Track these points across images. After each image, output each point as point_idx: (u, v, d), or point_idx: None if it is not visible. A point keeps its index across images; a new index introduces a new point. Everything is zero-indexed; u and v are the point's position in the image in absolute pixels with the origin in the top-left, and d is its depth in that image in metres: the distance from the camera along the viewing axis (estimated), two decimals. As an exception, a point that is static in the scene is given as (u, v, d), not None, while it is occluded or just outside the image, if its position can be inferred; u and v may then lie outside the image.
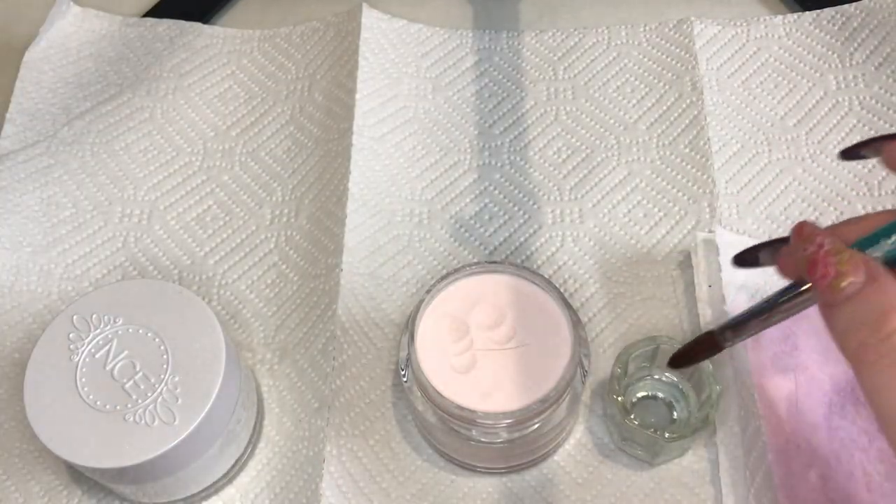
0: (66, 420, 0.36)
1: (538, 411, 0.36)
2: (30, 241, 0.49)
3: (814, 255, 0.28)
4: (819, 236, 0.28)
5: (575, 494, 0.41)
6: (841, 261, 0.27)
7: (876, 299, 0.26)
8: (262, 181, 0.52)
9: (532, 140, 0.52)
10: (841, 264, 0.27)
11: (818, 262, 0.28)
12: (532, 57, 0.55)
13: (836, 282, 0.27)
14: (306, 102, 0.54)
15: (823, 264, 0.27)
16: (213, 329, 0.38)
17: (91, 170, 0.52)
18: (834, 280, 0.27)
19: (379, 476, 0.42)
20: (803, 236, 0.29)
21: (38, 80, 0.55)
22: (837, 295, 0.27)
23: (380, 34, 0.55)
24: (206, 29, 0.58)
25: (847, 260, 0.27)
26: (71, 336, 0.38)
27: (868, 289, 0.26)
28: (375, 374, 0.44)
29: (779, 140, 0.51)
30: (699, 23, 0.55)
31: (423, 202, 0.50)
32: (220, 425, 0.38)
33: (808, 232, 0.29)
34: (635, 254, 0.47)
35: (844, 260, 0.27)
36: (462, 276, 0.40)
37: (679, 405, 0.42)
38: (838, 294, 0.27)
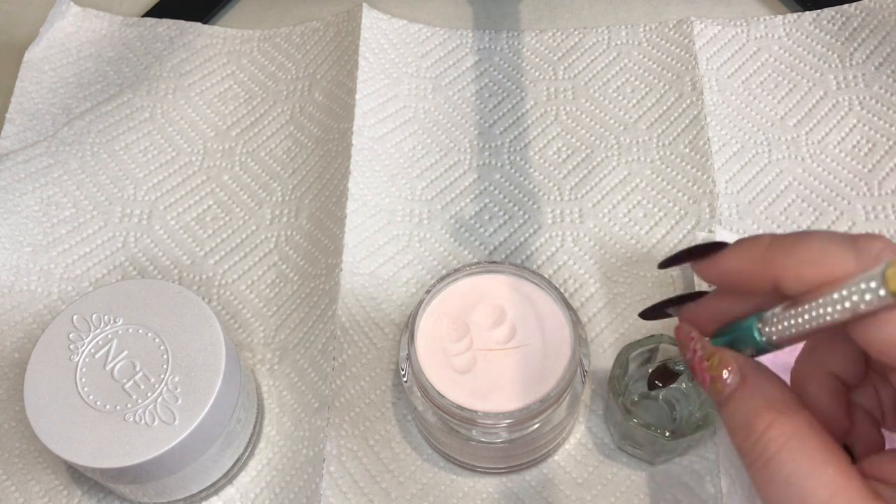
0: (66, 420, 0.36)
1: (538, 411, 0.36)
2: (30, 241, 0.49)
3: (691, 361, 0.29)
4: (691, 342, 0.29)
5: (575, 494, 0.41)
6: (712, 365, 0.28)
7: (745, 402, 0.27)
8: (262, 181, 0.52)
9: (532, 140, 0.52)
10: (713, 369, 0.28)
11: (695, 368, 0.29)
12: (532, 57, 0.55)
13: (712, 386, 0.28)
14: (306, 102, 0.54)
15: (700, 370, 0.28)
16: (213, 329, 0.38)
17: (91, 170, 0.52)
18: (711, 385, 0.28)
19: (379, 476, 0.42)
20: (680, 341, 0.30)
21: (38, 79, 0.55)
22: (719, 397, 0.28)
23: (380, 34, 0.55)
24: (206, 29, 0.58)
25: (717, 364, 0.28)
26: (71, 336, 0.38)
27: (739, 391, 0.27)
28: (375, 374, 0.44)
29: (779, 140, 0.51)
30: (699, 23, 0.55)
31: (423, 202, 0.50)
32: (220, 425, 0.38)
33: (682, 337, 0.30)
34: (635, 254, 0.47)
35: (715, 364, 0.28)
36: (462, 276, 0.40)
37: (679, 405, 0.42)
38: (720, 396, 0.28)
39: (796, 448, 0.25)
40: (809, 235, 0.26)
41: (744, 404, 0.27)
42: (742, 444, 0.26)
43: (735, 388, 0.27)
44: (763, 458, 0.25)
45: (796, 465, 0.25)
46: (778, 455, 0.25)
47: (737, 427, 0.27)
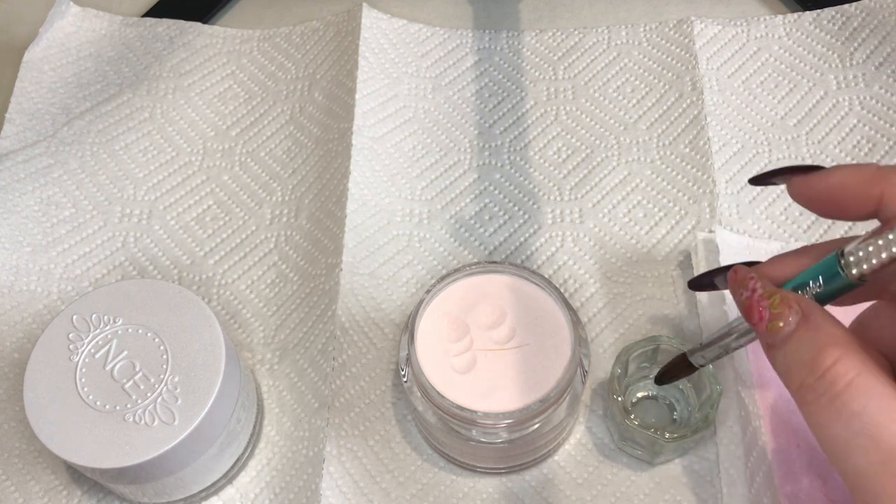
0: (66, 420, 0.36)
1: (538, 411, 0.36)
2: (29, 241, 0.49)
3: (748, 299, 0.29)
4: (752, 281, 0.29)
5: (575, 494, 0.41)
6: (773, 304, 0.28)
7: (810, 338, 0.27)
8: (262, 181, 0.52)
9: (532, 140, 0.52)
10: (774, 307, 0.28)
11: (753, 306, 0.28)
12: (532, 57, 0.55)
13: (771, 324, 0.27)
14: (306, 102, 0.54)
15: (758, 308, 0.28)
16: (213, 329, 0.38)
17: (91, 170, 0.52)
18: (770, 323, 0.28)
19: (379, 476, 0.42)
20: (737, 282, 0.30)
21: (37, 79, 0.55)
22: (775, 336, 0.27)
23: (380, 34, 0.55)
24: (205, 29, 0.58)
25: (779, 302, 0.28)
26: (71, 336, 0.38)
27: (802, 328, 0.27)
28: (375, 374, 0.44)
29: (779, 140, 0.51)
30: (699, 22, 0.55)
31: (423, 202, 0.50)
32: (220, 425, 0.38)
33: (741, 277, 0.30)
34: (635, 254, 0.47)
35: (777, 303, 0.28)
36: (462, 276, 0.40)
37: (679, 405, 0.42)
38: (776, 335, 0.27)
39: (866, 383, 0.25)
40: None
41: (807, 341, 0.26)
42: (804, 381, 0.26)
43: (796, 326, 0.27)
44: (829, 393, 0.25)
45: (867, 399, 0.24)
46: (847, 390, 0.25)
47: (797, 364, 0.26)
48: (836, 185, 0.28)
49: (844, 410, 0.25)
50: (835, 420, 0.25)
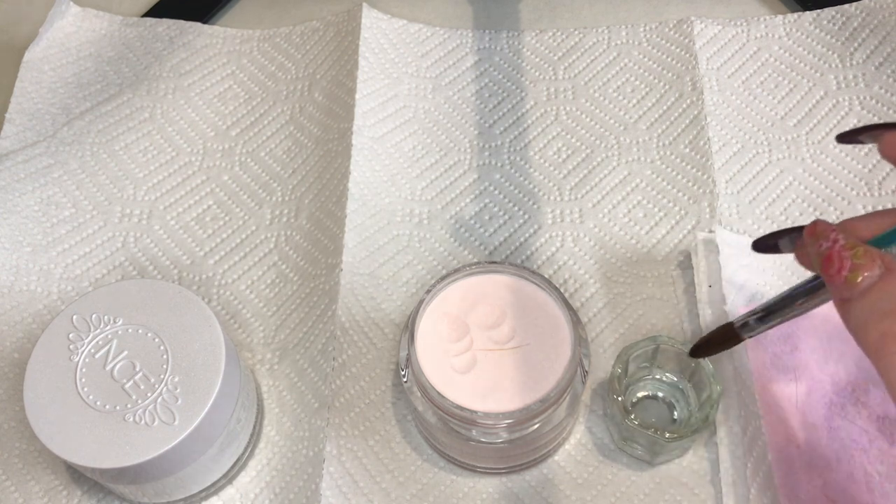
0: (66, 420, 0.36)
1: (538, 411, 0.36)
2: (29, 241, 0.49)
3: (828, 250, 0.28)
4: (833, 232, 0.28)
5: (575, 494, 0.41)
6: (856, 255, 0.27)
7: (892, 290, 0.26)
8: (261, 181, 0.51)
9: (532, 140, 0.52)
10: (856, 258, 0.27)
11: (833, 256, 0.28)
12: (532, 57, 0.55)
13: (852, 275, 0.27)
14: (306, 102, 0.54)
15: (839, 258, 0.27)
16: (213, 329, 0.38)
17: (91, 170, 0.52)
18: (850, 274, 0.27)
19: (379, 476, 0.42)
20: (817, 233, 0.29)
21: (37, 79, 0.55)
22: (854, 288, 0.27)
23: (380, 34, 0.55)
24: (205, 29, 0.58)
25: (862, 254, 0.27)
26: (71, 336, 0.38)
27: (886, 280, 0.26)
28: (375, 374, 0.44)
29: (779, 140, 0.51)
30: (699, 22, 0.55)
31: (423, 202, 0.50)
32: (220, 425, 0.38)
33: (821, 229, 0.29)
34: (635, 254, 0.47)
35: (860, 254, 0.27)
36: (462, 276, 0.40)
37: (679, 405, 0.42)
38: (854, 287, 0.27)
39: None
40: None
41: (892, 291, 0.26)
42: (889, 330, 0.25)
43: (879, 277, 0.26)
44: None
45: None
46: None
47: (879, 314, 0.26)
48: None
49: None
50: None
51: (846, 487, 0.39)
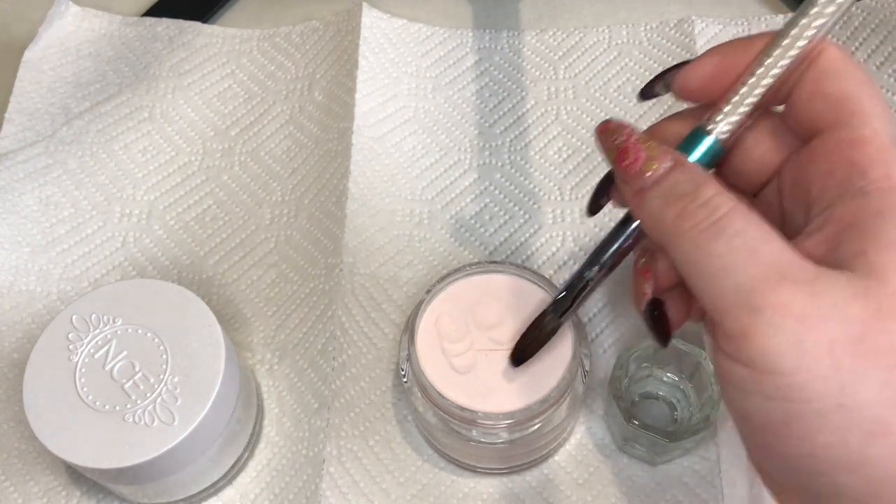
0: (66, 420, 0.36)
1: (539, 411, 0.36)
2: (28, 242, 0.49)
3: (624, 143, 0.29)
4: (626, 127, 0.29)
5: (576, 495, 0.41)
6: (650, 147, 0.28)
7: (688, 175, 0.27)
8: (261, 181, 0.51)
9: (532, 140, 0.52)
10: (650, 150, 0.28)
11: (628, 148, 0.29)
12: (532, 56, 0.55)
13: (646, 165, 0.28)
14: (306, 102, 0.54)
15: (634, 150, 0.28)
16: (213, 329, 0.38)
17: (90, 170, 0.52)
18: (645, 163, 0.28)
19: (379, 477, 0.41)
20: (610, 129, 0.30)
21: (37, 79, 0.55)
22: (648, 177, 0.28)
23: (380, 34, 0.55)
24: (205, 28, 0.58)
25: (655, 146, 0.28)
26: (70, 336, 0.38)
27: (678, 168, 0.27)
28: (375, 375, 0.44)
29: (779, 140, 0.51)
30: (700, 22, 0.55)
31: (423, 202, 0.50)
32: (220, 425, 0.38)
33: (614, 125, 0.30)
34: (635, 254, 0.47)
35: (653, 147, 0.28)
36: (462, 276, 0.40)
37: (680, 405, 0.42)
38: (649, 176, 0.28)
39: (745, 211, 0.25)
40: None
41: (686, 177, 0.27)
42: (684, 209, 0.26)
43: (672, 166, 0.28)
44: (711, 217, 0.25)
45: (747, 223, 0.25)
46: (729, 214, 0.25)
47: (675, 197, 0.27)
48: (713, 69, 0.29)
49: (728, 229, 0.25)
50: (714, 239, 0.25)
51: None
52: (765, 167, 0.31)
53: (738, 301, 0.24)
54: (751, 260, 0.24)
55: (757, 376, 0.24)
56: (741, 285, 0.24)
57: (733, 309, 0.24)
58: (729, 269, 0.25)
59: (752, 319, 0.24)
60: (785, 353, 0.23)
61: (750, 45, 0.29)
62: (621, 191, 0.29)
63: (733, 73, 0.29)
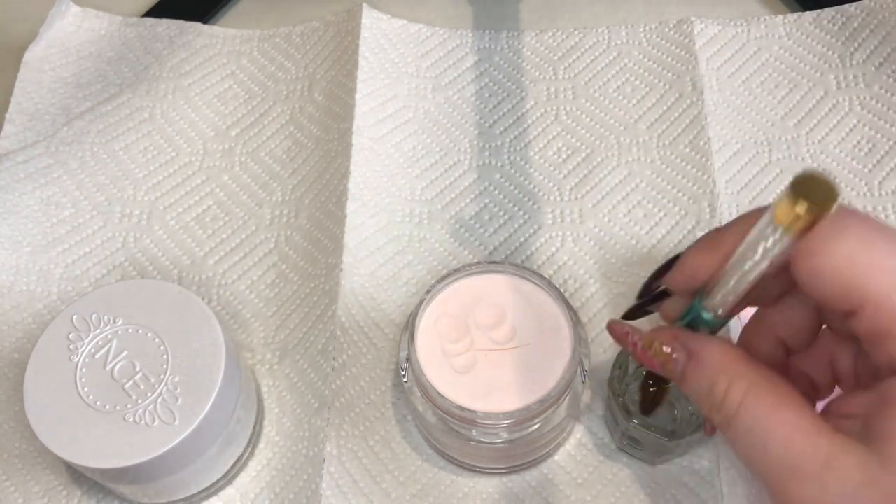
0: (66, 420, 0.36)
1: (538, 411, 0.36)
2: (29, 242, 0.49)
3: (634, 354, 0.31)
4: (628, 336, 0.31)
5: (575, 495, 0.41)
6: (656, 352, 0.29)
7: (699, 374, 0.28)
8: (262, 181, 0.51)
9: (532, 140, 0.52)
10: (657, 355, 0.29)
11: (640, 357, 0.30)
12: (532, 57, 0.55)
13: (665, 368, 0.29)
14: (306, 102, 0.54)
15: (646, 360, 0.30)
16: (213, 329, 0.38)
17: (91, 170, 0.52)
18: (663, 368, 0.29)
19: (379, 476, 0.42)
20: (618, 339, 0.32)
21: (37, 80, 0.55)
22: (675, 377, 0.29)
23: (380, 34, 0.55)
24: (205, 29, 0.58)
25: (660, 349, 0.29)
26: (71, 336, 0.38)
27: (691, 366, 0.29)
28: (375, 375, 0.44)
29: (779, 140, 0.51)
30: (699, 22, 0.55)
31: (423, 202, 0.50)
32: (220, 425, 0.38)
33: (619, 335, 0.32)
34: (635, 254, 0.47)
35: (658, 351, 0.29)
36: (462, 276, 0.40)
37: (680, 405, 0.42)
38: (675, 376, 0.29)
39: (753, 399, 0.27)
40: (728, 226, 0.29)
41: (698, 376, 0.28)
42: (710, 411, 0.28)
43: (686, 363, 0.29)
44: (728, 416, 0.27)
45: (756, 413, 0.26)
46: (740, 409, 0.27)
47: (700, 397, 0.28)
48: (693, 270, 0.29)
49: (741, 427, 0.27)
50: (738, 438, 0.27)
51: None
52: None
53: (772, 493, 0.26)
54: (763, 458, 0.26)
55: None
56: (763, 478, 0.26)
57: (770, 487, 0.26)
58: (753, 464, 0.27)
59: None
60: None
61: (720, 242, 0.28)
62: None
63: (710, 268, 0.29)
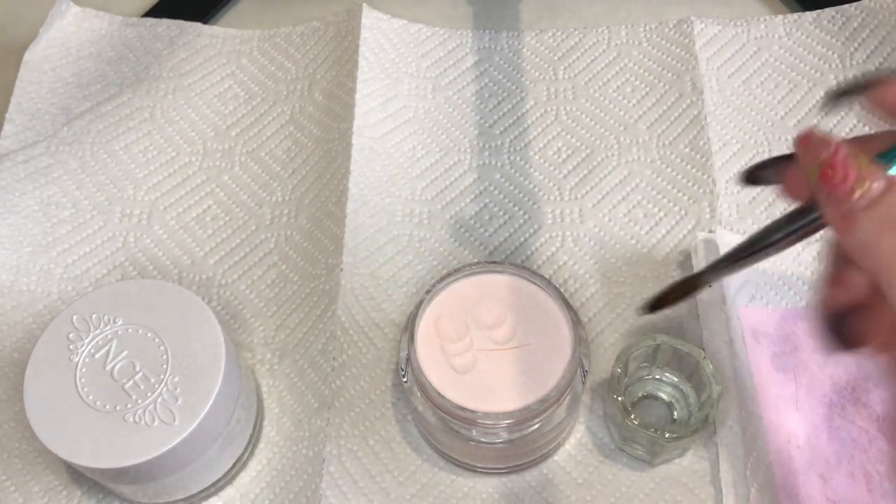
0: (66, 420, 0.36)
1: (538, 411, 0.36)
2: (29, 241, 0.49)
3: (831, 158, 0.25)
4: (832, 141, 0.26)
5: (575, 494, 0.41)
6: (861, 163, 0.25)
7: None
8: (262, 181, 0.51)
9: (532, 140, 0.52)
10: (862, 167, 0.24)
11: (837, 164, 0.25)
12: (532, 57, 0.55)
13: (857, 183, 0.24)
14: (306, 102, 0.54)
15: (843, 166, 0.25)
16: (213, 329, 0.38)
17: (91, 170, 0.52)
18: (857, 182, 0.24)
19: (379, 476, 0.42)
20: (813, 142, 0.26)
21: (37, 80, 0.55)
22: (859, 198, 0.24)
23: (380, 34, 0.55)
24: (205, 29, 0.58)
25: (867, 163, 0.25)
26: (71, 336, 0.38)
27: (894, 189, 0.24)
28: (375, 375, 0.44)
29: (778, 140, 0.51)
30: (699, 22, 0.55)
31: (423, 202, 0.50)
32: (220, 425, 0.38)
33: (819, 137, 0.26)
34: (635, 254, 0.47)
35: (865, 163, 0.25)
36: (462, 276, 0.40)
37: (679, 405, 0.42)
38: (860, 197, 0.24)
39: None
40: None
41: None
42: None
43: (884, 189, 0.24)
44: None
45: None
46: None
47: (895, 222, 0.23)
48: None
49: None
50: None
51: (846, 487, 0.39)
52: None
53: None
54: None
55: None
56: None
57: None
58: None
59: None
60: None
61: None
62: (826, 211, 0.26)
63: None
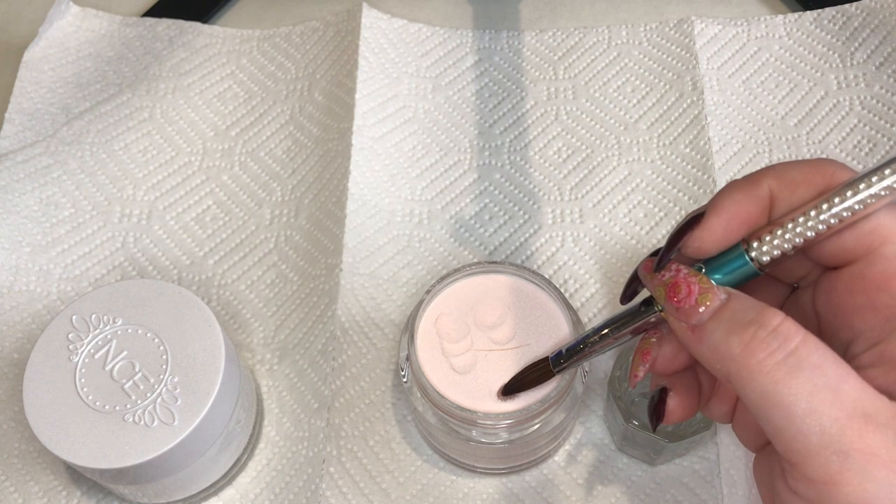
0: (66, 420, 0.36)
1: (538, 412, 0.36)
2: (29, 242, 0.49)
3: (673, 278, 0.28)
4: (673, 263, 0.28)
5: (575, 495, 0.41)
6: (702, 280, 0.27)
7: (746, 304, 0.26)
8: (261, 181, 0.51)
9: (532, 140, 0.52)
10: (703, 282, 0.27)
11: (679, 283, 0.27)
12: (532, 56, 0.55)
13: (702, 297, 0.26)
14: (306, 102, 0.54)
15: (686, 283, 0.27)
16: (213, 329, 0.38)
17: (90, 170, 0.52)
18: (700, 296, 0.26)
19: (379, 477, 0.41)
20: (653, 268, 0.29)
21: (37, 79, 0.55)
22: (704, 311, 0.26)
23: (380, 34, 0.55)
24: (205, 28, 0.58)
25: (706, 280, 0.27)
26: (70, 336, 0.38)
27: (734, 300, 0.26)
28: (375, 375, 0.44)
29: (779, 140, 0.51)
30: (700, 22, 0.55)
31: (423, 202, 0.50)
32: (220, 426, 0.38)
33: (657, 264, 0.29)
34: (635, 254, 0.47)
35: (704, 280, 0.27)
36: (462, 276, 0.40)
37: (679, 405, 0.42)
38: (705, 310, 0.26)
39: (816, 341, 0.24)
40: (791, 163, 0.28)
41: (745, 306, 0.25)
42: (754, 337, 0.24)
43: (727, 298, 0.26)
44: (785, 348, 0.24)
45: (822, 356, 0.24)
46: (802, 346, 0.24)
47: (740, 326, 0.25)
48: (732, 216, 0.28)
49: (805, 364, 0.23)
50: (794, 376, 0.23)
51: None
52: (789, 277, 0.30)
53: (824, 445, 0.23)
54: (835, 401, 0.23)
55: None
56: (827, 428, 0.23)
57: (820, 453, 0.23)
58: (814, 411, 0.23)
59: (841, 466, 0.23)
60: (878, 500, 0.23)
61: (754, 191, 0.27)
62: (674, 328, 0.27)
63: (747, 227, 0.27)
